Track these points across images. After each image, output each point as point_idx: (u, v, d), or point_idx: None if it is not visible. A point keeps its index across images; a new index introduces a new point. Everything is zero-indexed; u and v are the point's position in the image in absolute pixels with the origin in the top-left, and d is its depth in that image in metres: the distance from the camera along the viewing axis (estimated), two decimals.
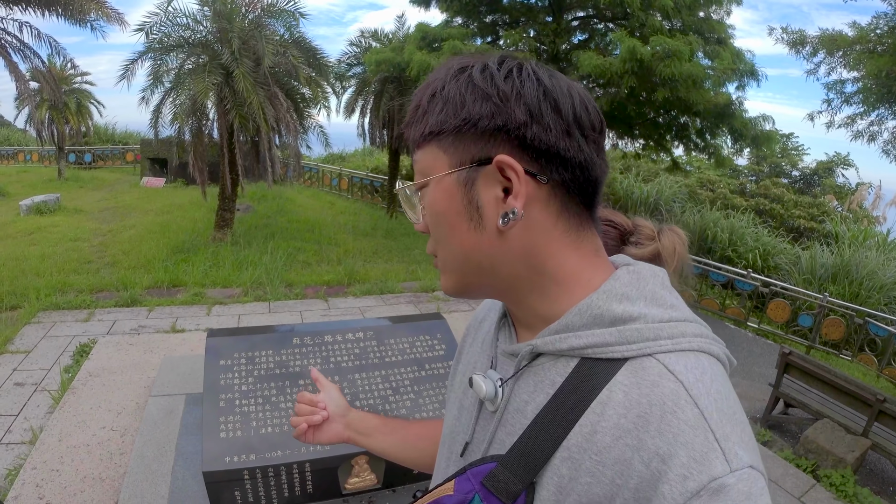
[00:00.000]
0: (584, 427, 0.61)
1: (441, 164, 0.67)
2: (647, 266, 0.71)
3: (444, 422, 0.89)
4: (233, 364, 2.95)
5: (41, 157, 19.12)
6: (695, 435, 0.55)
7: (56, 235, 9.48)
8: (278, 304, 6.78)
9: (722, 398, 0.58)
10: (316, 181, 17.11)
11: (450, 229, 0.69)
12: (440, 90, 0.66)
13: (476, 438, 0.76)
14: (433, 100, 0.67)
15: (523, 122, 0.62)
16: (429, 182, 0.69)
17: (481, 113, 0.63)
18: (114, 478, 3.03)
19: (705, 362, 0.62)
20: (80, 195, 13.72)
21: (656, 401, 0.57)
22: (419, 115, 0.69)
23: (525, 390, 0.69)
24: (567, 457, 0.61)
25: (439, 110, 0.66)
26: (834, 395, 4.83)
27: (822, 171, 21.67)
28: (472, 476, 0.68)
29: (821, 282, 9.28)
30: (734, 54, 9.04)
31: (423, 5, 11.33)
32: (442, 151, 0.67)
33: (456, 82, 0.65)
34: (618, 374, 0.61)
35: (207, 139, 9.42)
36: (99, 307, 6.24)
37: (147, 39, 8.49)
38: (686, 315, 0.66)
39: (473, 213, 0.66)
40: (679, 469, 0.53)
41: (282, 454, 2.50)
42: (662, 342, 0.61)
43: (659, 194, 14.30)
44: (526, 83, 0.63)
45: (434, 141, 0.67)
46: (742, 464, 0.54)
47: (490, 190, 0.65)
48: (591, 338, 0.63)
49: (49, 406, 4.04)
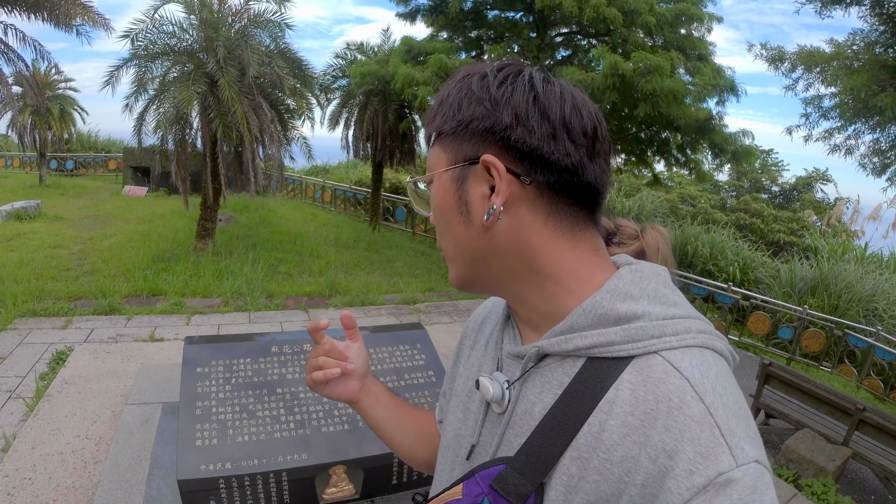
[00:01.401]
0: (593, 426, 0.62)
1: (441, 162, 0.73)
2: (649, 265, 0.73)
3: (446, 426, 0.89)
4: (210, 372, 2.92)
5: (22, 162, 18.86)
6: (701, 430, 0.55)
7: (35, 242, 9.33)
8: (259, 314, 6.73)
9: (727, 393, 0.59)
10: (299, 193, 17.07)
11: (447, 222, 0.74)
12: (446, 96, 0.72)
13: (483, 441, 0.76)
14: (441, 105, 0.73)
15: (508, 124, 0.65)
16: (433, 178, 0.75)
17: (473, 115, 0.67)
18: (87, 486, 2.97)
19: (710, 358, 0.63)
20: (61, 202, 13.53)
21: (662, 397, 0.58)
22: (430, 117, 0.75)
23: (532, 391, 0.70)
24: (576, 456, 0.62)
25: (442, 113, 0.72)
26: (814, 406, 4.89)
27: (801, 186, 22.06)
28: (481, 479, 0.69)
29: (800, 295, 9.41)
30: (714, 70, 9.18)
31: (409, 20, 11.40)
32: (442, 150, 0.72)
33: (457, 88, 0.71)
34: (624, 372, 0.62)
35: (191, 148, 9.35)
36: (77, 315, 6.14)
37: (132, 46, 8.44)
38: (689, 312, 0.67)
39: (463, 208, 0.70)
40: (685, 464, 0.54)
41: (258, 463, 2.47)
42: (667, 339, 0.63)
43: (640, 209, 14.43)
44: (517, 89, 0.67)
45: (438, 141, 0.73)
46: (748, 458, 0.55)
47: (477, 187, 0.69)
48: (596, 337, 0.64)
49: (23, 414, 3.96)
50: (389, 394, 1.08)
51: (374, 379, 1.06)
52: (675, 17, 9.09)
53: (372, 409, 1.04)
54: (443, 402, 0.98)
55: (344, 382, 1.00)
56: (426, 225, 13.29)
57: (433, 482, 0.89)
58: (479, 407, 0.78)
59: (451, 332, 6.29)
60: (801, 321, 7.72)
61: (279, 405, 2.82)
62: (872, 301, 9.08)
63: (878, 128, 7.29)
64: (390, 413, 1.06)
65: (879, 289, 9.25)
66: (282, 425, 2.71)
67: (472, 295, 7.99)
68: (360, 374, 1.02)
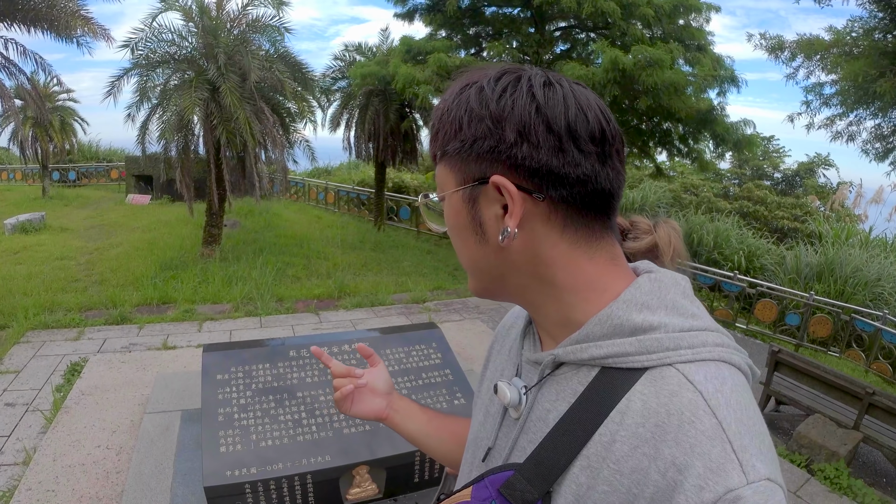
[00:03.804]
0: (604, 436, 0.61)
1: (450, 182, 0.71)
2: (669, 274, 0.72)
3: (471, 427, 0.91)
4: (230, 378, 2.96)
5: (25, 175, 18.89)
6: (712, 445, 0.55)
7: (42, 254, 9.38)
8: (269, 318, 6.76)
9: (741, 409, 0.58)
10: (302, 195, 17.09)
11: (461, 241, 0.73)
12: (446, 111, 0.70)
13: (498, 444, 0.77)
14: (441, 120, 0.71)
15: (513, 141, 0.63)
16: (444, 196, 0.73)
17: (476, 135, 0.66)
18: (111, 496, 3.01)
19: (726, 372, 0.62)
20: (66, 213, 13.59)
21: (674, 410, 0.58)
22: (433, 133, 0.73)
23: (548, 399, 0.70)
24: (586, 465, 0.62)
25: (444, 132, 0.70)
26: (824, 391, 4.91)
27: (803, 172, 22.01)
28: (490, 483, 0.69)
29: (806, 281, 9.42)
30: (714, 60, 9.19)
31: (407, 19, 11.40)
32: (449, 169, 0.70)
33: (456, 104, 0.68)
34: (637, 383, 0.62)
35: (194, 155, 9.39)
36: (89, 325, 6.18)
37: (133, 55, 8.48)
38: (707, 324, 0.66)
39: (477, 229, 0.70)
40: (695, 479, 0.54)
41: (283, 466, 2.51)
42: (682, 352, 0.62)
43: (644, 200, 14.45)
44: (518, 101, 0.64)
45: (444, 159, 0.71)
46: (759, 476, 0.54)
47: (490, 208, 0.67)
48: (611, 347, 0.64)
49: (42, 426, 3.99)
50: (420, 408, 1.14)
51: (401, 396, 1.14)
52: (674, 9, 9.09)
53: (404, 425, 1.12)
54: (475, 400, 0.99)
55: (368, 401, 1.10)
56: None
57: (458, 480, 0.91)
58: (498, 411, 0.79)
59: (461, 329, 6.32)
60: (807, 307, 7.72)
61: (300, 409, 2.85)
62: (878, 285, 9.08)
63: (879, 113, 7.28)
64: (424, 427, 1.12)
65: (885, 272, 9.26)
66: (304, 428, 2.74)
67: None
68: (383, 391, 1.11)
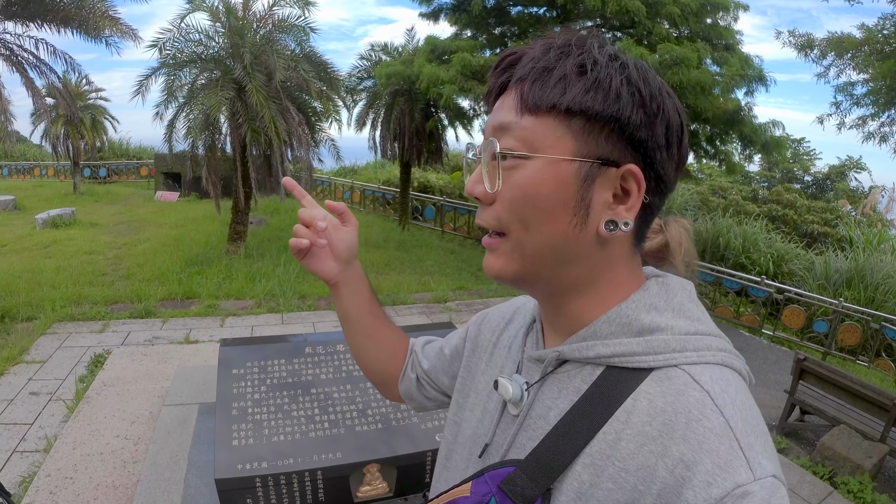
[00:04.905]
0: (609, 434, 0.61)
1: (563, 147, 0.62)
2: (676, 279, 0.72)
3: (468, 423, 0.86)
4: (245, 373, 2.98)
5: (57, 171, 19.39)
6: (720, 443, 0.55)
7: (71, 248, 9.59)
8: (291, 315, 6.82)
9: (746, 409, 0.59)
10: (328, 194, 17.22)
11: (546, 216, 0.64)
12: (591, 66, 0.61)
13: (496, 441, 0.76)
14: (581, 73, 0.61)
15: (661, 145, 0.63)
16: (533, 157, 0.63)
17: (632, 118, 0.60)
18: (127, 486, 3.06)
19: (729, 375, 0.62)
20: (95, 209, 13.89)
21: (682, 409, 0.58)
22: (553, 80, 0.62)
23: (549, 396, 0.70)
24: (589, 463, 0.62)
25: (585, 90, 0.60)
26: (850, 401, 4.78)
27: (834, 175, 21.56)
28: (490, 479, 0.69)
29: (835, 287, 9.22)
30: (742, 60, 9.03)
31: (433, 19, 11.41)
32: (570, 134, 0.62)
33: (611, 67, 0.61)
34: (643, 383, 0.62)
35: (220, 153, 9.51)
36: (113, 318, 6.30)
37: (160, 55, 8.62)
38: (711, 329, 0.67)
39: (580, 210, 0.63)
40: (703, 475, 0.54)
41: (294, 462, 2.51)
42: (688, 354, 0.62)
43: (671, 202, 14.26)
44: (666, 100, 0.63)
45: (562, 117, 0.62)
46: (765, 472, 0.54)
47: (603, 192, 0.63)
48: (617, 346, 0.64)
49: (64, 415, 4.08)
50: (370, 295, 1.07)
51: (362, 275, 1.06)
52: (701, 7, 8.95)
53: (347, 300, 1.04)
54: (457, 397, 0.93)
55: (323, 261, 1.00)
56: (455, 223, 13.29)
57: (448, 478, 0.87)
58: (497, 407, 0.78)
59: None
60: (836, 314, 7.55)
61: (313, 405, 2.86)
62: None
63: None
64: (363, 314, 1.06)
65: None
66: (316, 425, 2.75)
67: (504, 292, 7.99)
68: (343, 257, 1.01)
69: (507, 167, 0.64)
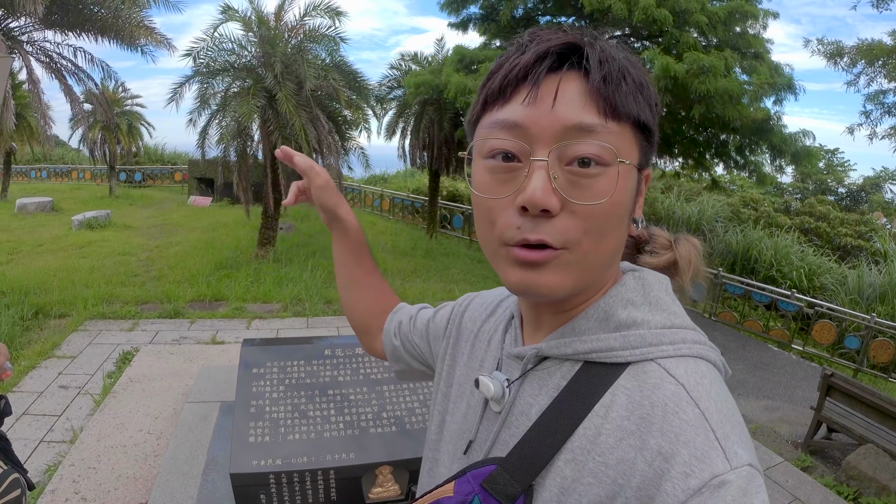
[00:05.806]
0: (588, 429, 0.62)
1: (632, 154, 0.63)
2: (652, 273, 0.73)
3: (453, 418, 0.86)
4: (265, 372, 3.04)
5: (93, 175, 19.94)
6: (696, 434, 0.56)
7: (105, 249, 9.88)
8: (316, 319, 6.90)
9: (721, 400, 0.60)
10: (358, 202, 17.38)
11: (620, 224, 0.64)
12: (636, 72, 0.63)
13: (479, 438, 0.77)
14: (643, 86, 0.63)
15: (656, 139, 0.66)
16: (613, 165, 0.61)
17: (652, 122, 0.64)
18: (147, 478, 3.15)
19: (703, 367, 0.63)
20: (130, 212, 14.25)
21: (658, 402, 0.59)
22: (634, 88, 0.62)
23: (530, 393, 0.70)
24: (571, 458, 0.62)
25: (642, 99, 0.62)
26: (879, 420, 4.64)
27: (869, 186, 21.03)
28: (472, 478, 0.69)
29: (868, 302, 8.98)
30: (771, 68, 8.89)
31: (462, 29, 11.50)
32: (635, 141, 0.63)
33: (639, 71, 0.63)
34: (620, 377, 0.63)
35: (252, 160, 9.73)
36: (143, 318, 6.47)
37: (194, 64, 8.87)
38: (685, 322, 0.68)
39: (631, 213, 0.67)
40: (681, 467, 0.55)
41: (308, 461, 2.55)
42: (664, 347, 0.64)
43: (701, 214, 14.07)
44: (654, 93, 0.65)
45: (630, 126, 0.62)
46: (741, 462, 0.55)
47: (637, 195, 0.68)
48: (595, 342, 0.65)
49: (90, 408, 4.21)
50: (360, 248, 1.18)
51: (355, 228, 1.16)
52: (729, 16, 8.84)
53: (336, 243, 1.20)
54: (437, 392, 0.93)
55: None
56: None
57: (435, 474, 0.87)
58: (479, 403, 0.79)
59: None
60: (868, 330, 7.35)
61: (330, 406, 2.90)
62: None
63: None
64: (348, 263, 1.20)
65: None
66: (332, 425, 2.79)
67: None
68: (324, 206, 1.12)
69: (590, 174, 0.60)
